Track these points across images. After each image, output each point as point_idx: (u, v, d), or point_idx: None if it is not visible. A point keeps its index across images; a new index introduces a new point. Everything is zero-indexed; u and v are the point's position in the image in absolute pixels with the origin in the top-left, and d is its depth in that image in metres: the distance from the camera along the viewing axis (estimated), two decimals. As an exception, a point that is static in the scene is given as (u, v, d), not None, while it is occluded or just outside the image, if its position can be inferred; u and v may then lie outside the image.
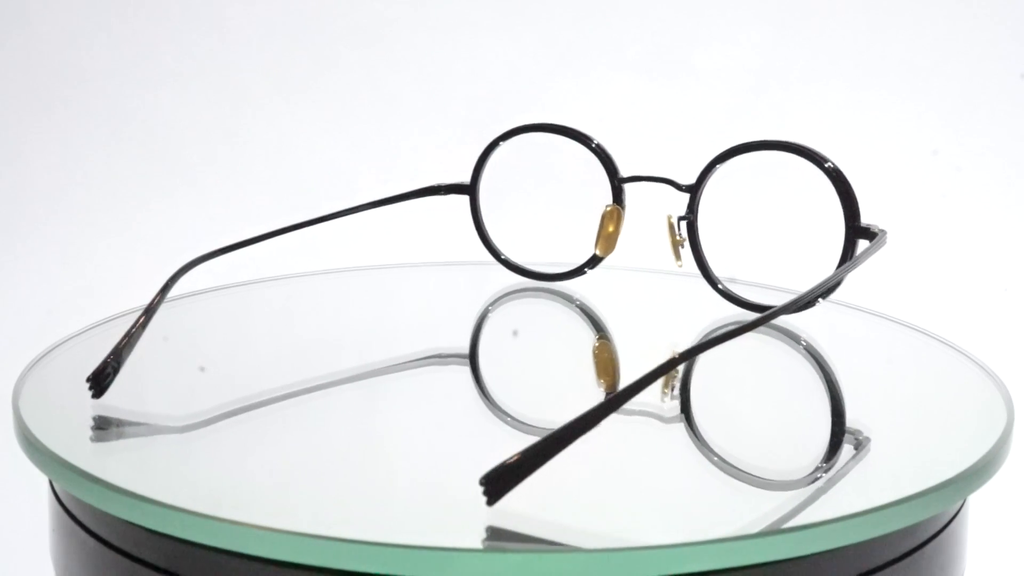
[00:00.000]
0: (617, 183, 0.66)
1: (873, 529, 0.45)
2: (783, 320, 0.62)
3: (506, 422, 0.55)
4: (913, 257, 0.96)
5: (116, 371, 0.56)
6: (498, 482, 0.43)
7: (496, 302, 0.70)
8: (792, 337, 0.63)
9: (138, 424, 0.54)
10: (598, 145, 0.66)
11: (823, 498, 0.49)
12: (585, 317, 0.68)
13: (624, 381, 0.59)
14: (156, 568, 0.46)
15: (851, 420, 0.55)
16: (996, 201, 0.96)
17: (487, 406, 0.58)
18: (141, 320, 0.58)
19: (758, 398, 0.59)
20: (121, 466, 0.50)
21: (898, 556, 0.47)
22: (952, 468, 0.48)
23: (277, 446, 0.53)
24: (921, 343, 0.62)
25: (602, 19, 0.98)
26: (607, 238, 0.66)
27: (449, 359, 0.63)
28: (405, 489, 0.49)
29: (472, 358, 0.63)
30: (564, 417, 0.45)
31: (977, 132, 0.96)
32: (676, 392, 0.57)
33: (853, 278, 0.58)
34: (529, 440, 0.44)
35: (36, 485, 0.53)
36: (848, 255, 0.59)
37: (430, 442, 0.53)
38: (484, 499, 0.43)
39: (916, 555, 0.48)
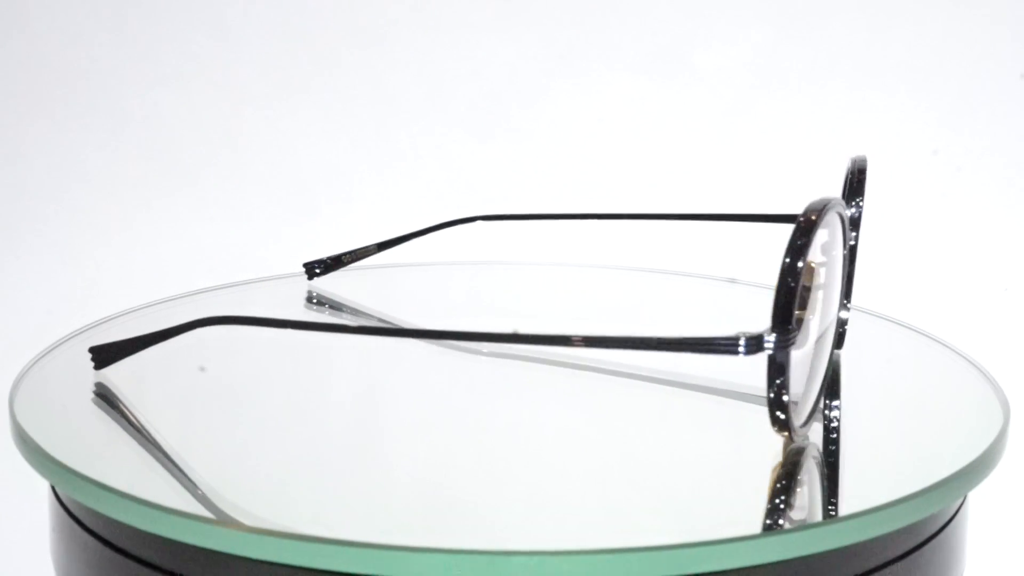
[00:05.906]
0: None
1: (873, 529, 0.45)
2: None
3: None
4: (913, 257, 0.96)
5: (329, 269, 0.63)
6: (102, 354, 0.55)
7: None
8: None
9: (137, 425, 0.54)
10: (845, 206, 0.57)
11: (823, 498, 0.49)
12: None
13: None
14: (156, 568, 0.46)
15: (850, 420, 0.55)
16: (996, 201, 0.96)
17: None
18: (376, 246, 0.65)
19: (759, 396, 0.59)
20: (120, 468, 0.50)
21: (898, 556, 0.47)
22: (951, 466, 0.48)
23: (283, 448, 0.53)
24: (920, 343, 0.62)
25: (602, 19, 0.98)
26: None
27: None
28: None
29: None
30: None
31: (977, 132, 0.96)
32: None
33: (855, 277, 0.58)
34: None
35: (36, 485, 0.53)
36: None
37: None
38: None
39: (916, 555, 0.48)
